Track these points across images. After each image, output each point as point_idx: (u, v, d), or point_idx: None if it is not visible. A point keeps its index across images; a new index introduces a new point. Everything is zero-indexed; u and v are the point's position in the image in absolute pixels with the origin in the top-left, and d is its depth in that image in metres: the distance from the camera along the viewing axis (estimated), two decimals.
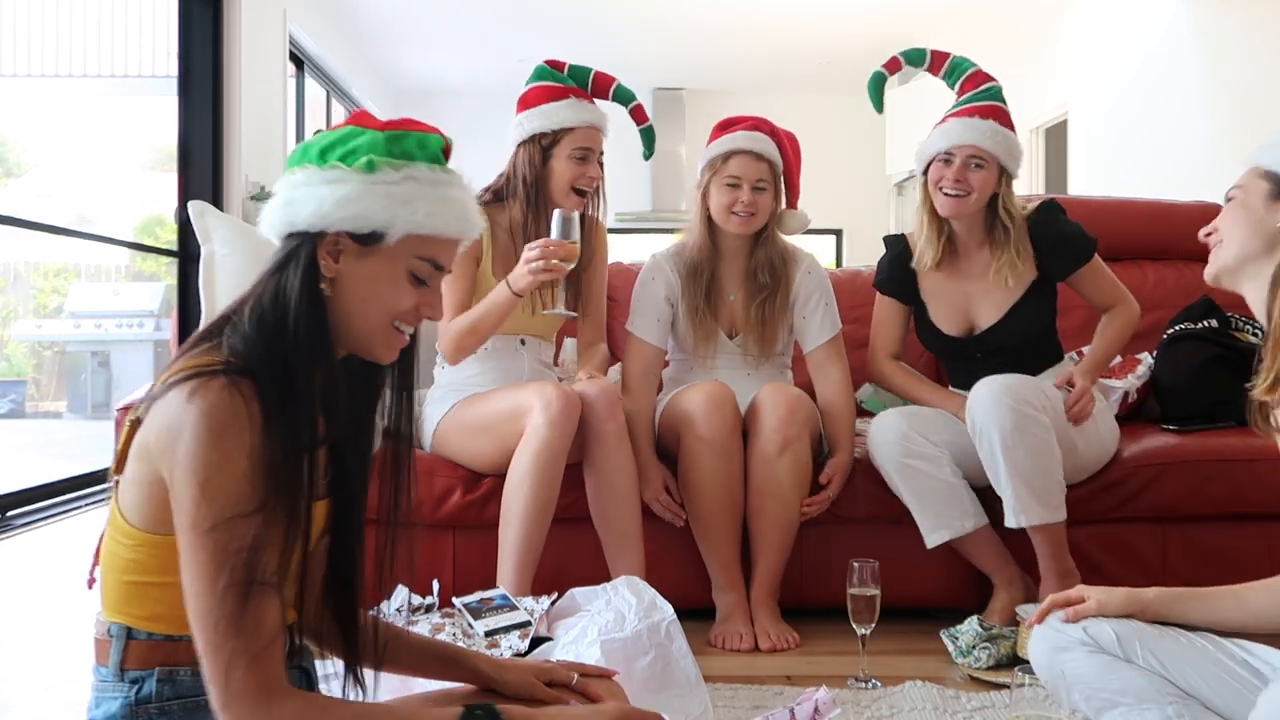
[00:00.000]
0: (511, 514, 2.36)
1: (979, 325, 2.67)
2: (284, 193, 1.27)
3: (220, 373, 1.15)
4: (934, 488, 2.47)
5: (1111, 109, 6.53)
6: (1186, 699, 1.55)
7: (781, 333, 2.73)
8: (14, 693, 2.20)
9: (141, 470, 1.18)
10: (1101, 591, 1.66)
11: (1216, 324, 2.96)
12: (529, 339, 2.69)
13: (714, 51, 8.77)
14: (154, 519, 1.18)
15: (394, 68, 9.07)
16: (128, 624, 1.21)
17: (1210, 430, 2.74)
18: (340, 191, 1.23)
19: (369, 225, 1.24)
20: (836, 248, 10.11)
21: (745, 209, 2.61)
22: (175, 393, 1.15)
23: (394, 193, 1.24)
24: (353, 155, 1.25)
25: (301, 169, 1.27)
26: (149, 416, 1.18)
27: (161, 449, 1.14)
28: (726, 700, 2.08)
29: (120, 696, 1.20)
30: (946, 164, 2.56)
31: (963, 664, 2.28)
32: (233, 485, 1.12)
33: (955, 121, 2.59)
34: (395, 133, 1.28)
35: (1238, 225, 1.59)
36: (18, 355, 9.55)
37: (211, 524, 1.11)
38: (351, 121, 1.30)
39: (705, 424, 2.49)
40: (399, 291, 1.28)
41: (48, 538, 3.80)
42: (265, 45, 5.92)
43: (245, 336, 1.20)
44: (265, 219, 1.28)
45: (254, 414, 1.14)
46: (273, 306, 1.22)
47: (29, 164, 9.83)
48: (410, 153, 1.28)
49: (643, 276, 2.77)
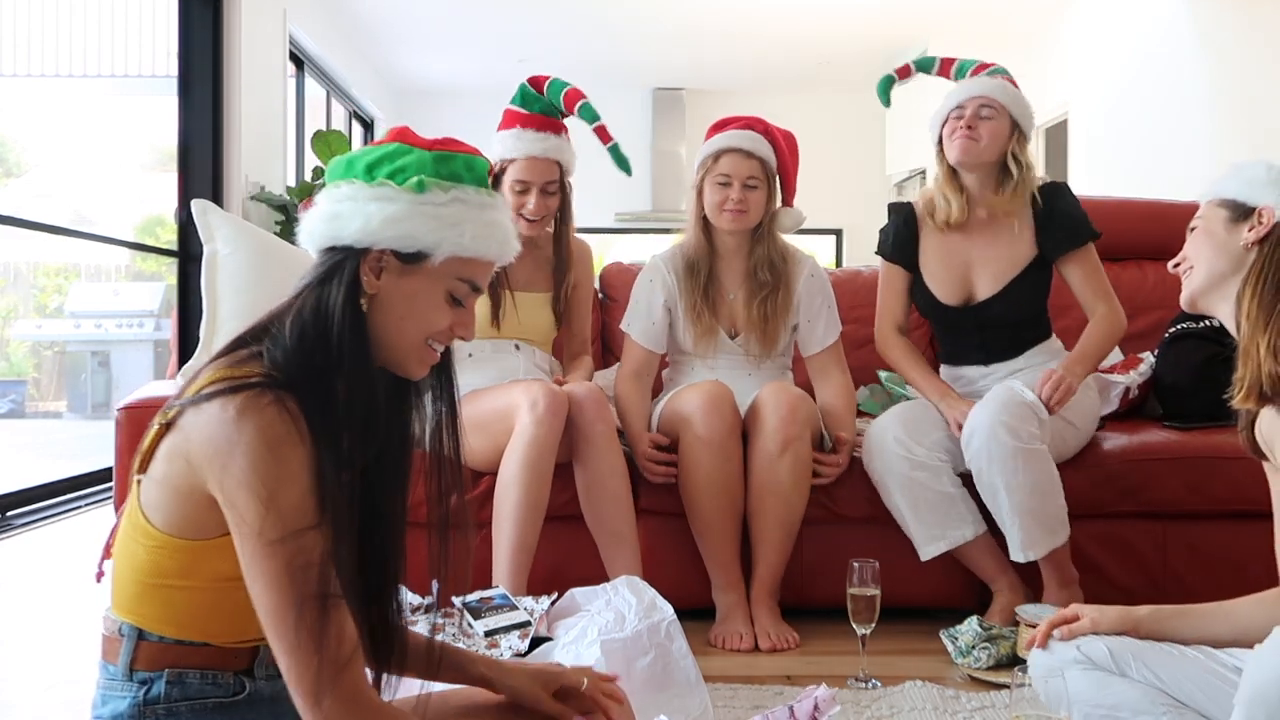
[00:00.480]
0: (504, 513, 2.37)
1: (977, 295, 2.68)
2: (328, 205, 1.27)
3: (265, 387, 1.14)
4: (932, 499, 2.48)
5: (1111, 109, 6.53)
6: (1182, 709, 1.56)
7: (784, 332, 2.74)
8: (14, 693, 2.20)
9: (174, 474, 1.17)
10: (1095, 610, 1.70)
11: (1217, 323, 2.96)
12: (523, 344, 2.72)
13: (714, 51, 8.77)
14: (180, 523, 1.17)
15: (394, 68, 9.07)
16: (139, 624, 1.21)
17: (1210, 428, 2.74)
18: (389, 210, 1.24)
19: (415, 245, 1.25)
20: (836, 248, 10.11)
21: (735, 206, 2.63)
22: (219, 405, 1.14)
23: (442, 214, 1.26)
24: (402, 174, 1.26)
25: (347, 183, 1.27)
26: (186, 422, 1.16)
27: (207, 462, 1.14)
28: (726, 700, 2.08)
29: (128, 696, 1.20)
30: (958, 118, 2.61)
31: (962, 664, 2.28)
32: (297, 499, 1.13)
33: (963, 82, 2.68)
34: (443, 154, 1.29)
35: (1203, 249, 1.69)
36: (18, 355, 9.55)
37: (280, 535, 1.11)
38: (395, 138, 1.31)
39: (704, 424, 2.49)
40: (437, 311, 1.29)
41: (48, 538, 3.80)
42: (265, 45, 5.92)
43: (286, 350, 1.20)
44: (306, 230, 1.28)
45: (303, 430, 1.14)
46: (314, 320, 1.22)
47: (29, 164, 9.83)
48: (459, 175, 1.29)
49: (641, 278, 2.79)
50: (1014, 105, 2.62)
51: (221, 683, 1.21)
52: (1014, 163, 2.62)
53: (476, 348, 2.69)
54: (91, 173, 9.67)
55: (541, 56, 8.41)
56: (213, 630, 1.21)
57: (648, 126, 9.81)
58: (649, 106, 9.79)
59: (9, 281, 9.35)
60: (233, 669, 1.22)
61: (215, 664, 1.21)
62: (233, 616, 1.18)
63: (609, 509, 2.45)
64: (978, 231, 2.68)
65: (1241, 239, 1.63)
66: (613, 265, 3.42)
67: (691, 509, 2.54)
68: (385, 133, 1.34)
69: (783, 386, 2.60)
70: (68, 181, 9.58)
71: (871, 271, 3.43)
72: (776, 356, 2.77)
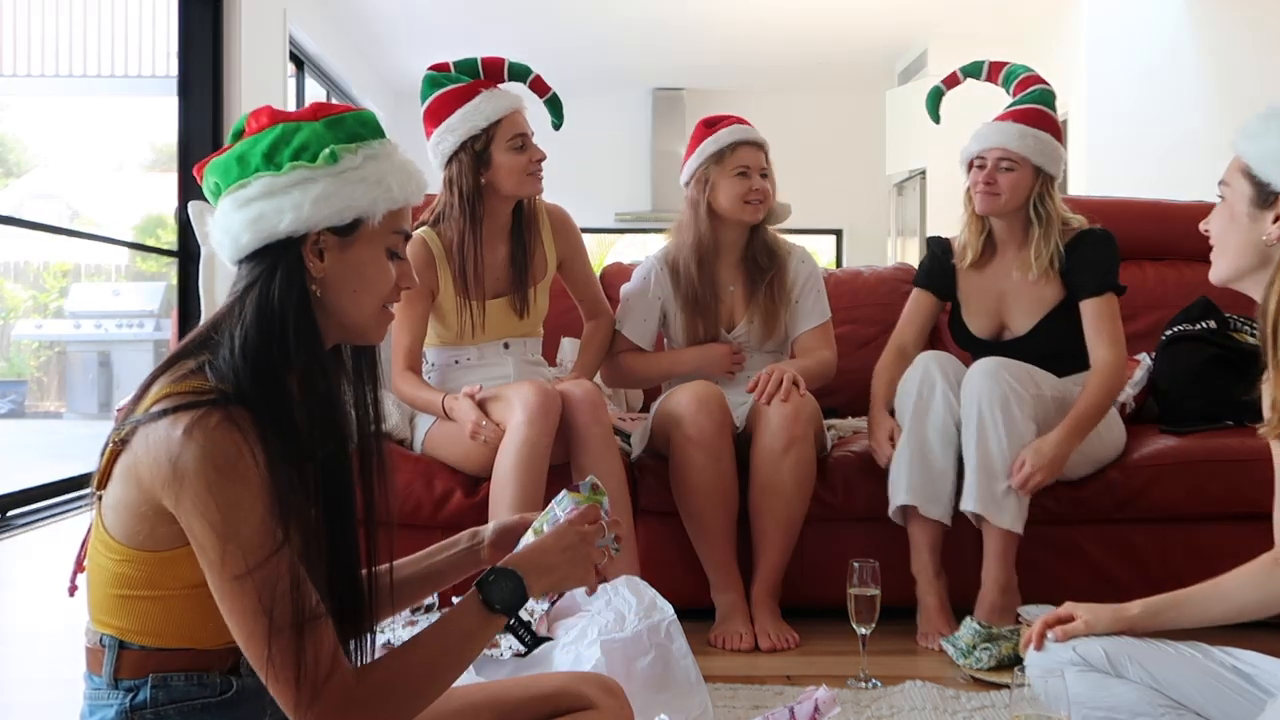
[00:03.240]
0: (500, 513, 2.36)
1: (1010, 330, 2.69)
2: (241, 212, 1.22)
3: (214, 404, 1.12)
4: (932, 466, 2.46)
5: (1112, 109, 6.54)
6: (1179, 709, 1.56)
7: (783, 319, 2.75)
8: (14, 693, 2.21)
9: (129, 495, 1.15)
10: (1088, 610, 1.67)
11: (1215, 325, 2.96)
12: (513, 341, 2.68)
13: (714, 51, 8.77)
14: (142, 537, 1.16)
15: (394, 68, 9.07)
16: (118, 635, 1.19)
17: (1209, 431, 2.74)
18: (314, 190, 1.21)
19: (352, 214, 1.23)
20: (836, 248, 10.10)
21: (758, 195, 2.66)
22: (167, 424, 1.12)
23: (365, 175, 1.24)
24: (307, 152, 1.23)
25: (253, 181, 1.22)
26: (137, 442, 1.14)
27: (160, 484, 1.12)
28: (726, 700, 2.08)
29: (115, 704, 1.19)
30: (980, 169, 2.63)
31: (964, 665, 2.28)
32: (255, 525, 1.11)
33: (988, 126, 2.66)
34: (332, 118, 1.26)
35: (1229, 237, 1.57)
36: (18, 355, 9.55)
37: (243, 569, 1.11)
38: (268, 120, 1.26)
39: (693, 424, 2.49)
40: (384, 272, 1.27)
41: (48, 538, 3.80)
42: (265, 45, 5.92)
43: (233, 359, 1.17)
44: (225, 243, 1.24)
45: (254, 445, 1.12)
46: (260, 323, 1.19)
47: (29, 164, 9.83)
48: (358, 133, 1.26)
49: (634, 278, 2.81)
50: (1035, 155, 2.59)
51: (208, 683, 1.20)
52: (1035, 214, 2.62)
53: (463, 354, 2.66)
54: (91, 173, 9.67)
55: (541, 56, 8.40)
56: (191, 635, 1.19)
57: (648, 126, 9.81)
58: (649, 106, 9.78)
59: (8, 282, 9.35)
60: (218, 669, 1.21)
61: (200, 666, 1.20)
62: (209, 620, 1.16)
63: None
64: (1009, 263, 2.69)
65: (1264, 232, 1.52)
66: (613, 265, 3.42)
67: (685, 510, 2.54)
68: (245, 121, 1.28)
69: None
70: (68, 181, 9.58)
71: (872, 271, 3.43)
72: (770, 348, 2.77)
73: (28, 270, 9.46)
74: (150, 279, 9.26)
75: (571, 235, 2.78)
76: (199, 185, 1.32)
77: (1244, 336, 2.93)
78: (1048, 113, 2.67)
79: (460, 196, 2.57)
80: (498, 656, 1.94)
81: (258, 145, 1.24)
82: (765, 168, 2.70)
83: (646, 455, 2.68)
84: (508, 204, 2.63)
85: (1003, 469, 2.39)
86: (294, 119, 1.26)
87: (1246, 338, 2.92)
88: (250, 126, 1.27)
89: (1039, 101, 2.67)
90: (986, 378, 2.43)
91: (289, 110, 1.28)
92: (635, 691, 1.71)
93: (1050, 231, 2.62)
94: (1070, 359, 2.66)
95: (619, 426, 2.75)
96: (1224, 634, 1.76)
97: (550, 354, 3.12)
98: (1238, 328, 2.97)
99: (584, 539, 1.36)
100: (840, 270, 3.43)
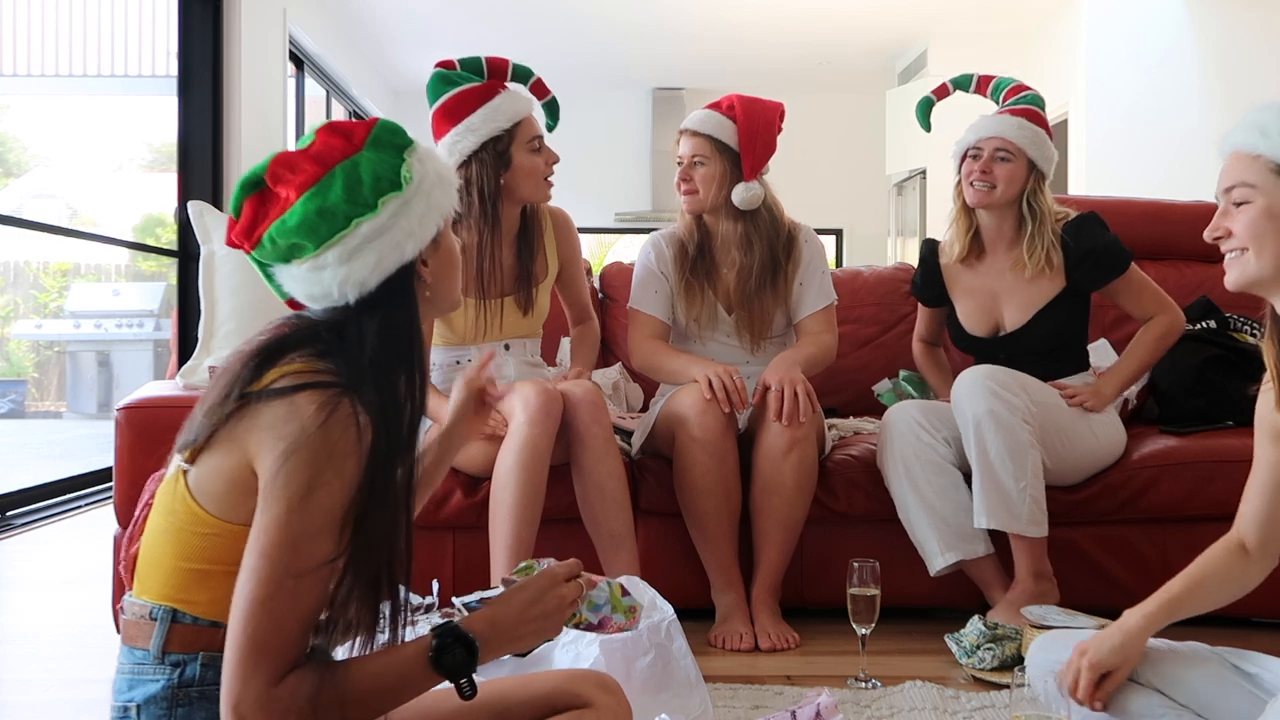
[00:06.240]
0: (500, 513, 2.35)
1: (1005, 326, 2.70)
2: (354, 261, 1.24)
3: (343, 390, 1.17)
4: (950, 508, 2.47)
5: (1111, 109, 6.54)
6: (1181, 710, 1.55)
7: (777, 306, 2.71)
8: (14, 693, 2.21)
9: (229, 463, 1.18)
10: (1094, 648, 1.59)
11: (1215, 325, 2.96)
12: (514, 342, 2.67)
13: (714, 51, 8.77)
14: (234, 509, 1.19)
15: (394, 68, 9.07)
16: (176, 607, 1.21)
17: (1209, 431, 2.74)
18: (415, 212, 1.27)
19: (442, 215, 1.31)
20: (837, 248, 10.10)
21: (686, 186, 2.71)
22: (304, 397, 1.16)
23: (430, 178, 1.30)
24: (383, 180, 1.25)
25: (362, 225, 1.23)
26: (256, 412, 1.17)
27: (269, 448, 1.15)
28: (726, 700, 2.08)
29: (162, 679, 1.20)
30: (975, 159, 2.64)
31: (967, 664, 2.28)
32: (319, 526, 1.15)
33: (985, 118, 2.69)
34: (373, 138, 1.28)
35: (1268, 238, 1.43)
36: (18, 355, 9.55)
37: (283, 572, 1.13)
38: (316, 162, 1.25)
39: (698, 424, 2.49)
40: (456, 245, 1.38)
41: (48, 538, 3.80)
42: (265, 45, 5.92)
43: (353, 362, 1.22)
44: (347, 291, 1.25)
45: (365, 443, 1.17)
46: (384, 342, 1.25)
47: (29, 164, 9.83)
48: (399, 144, 1.30)
49: (639, 255, 2.81)
50: (1032, 147, 2.62)
51: None
52: (1028, 209, 2.64)
53: (464, 354, 2.63)
54: (91, 173, 9.67)
55: (541, 56, 8.40)
56: None
57: (648, 126, 9.82)
58: (649, 106, 9.78)
59: (8, 282, 9.35)
60: None
61: None
62: None
63: (607, 512, 2.43)
64: (1001, 260, 2.70)
65: None
66: (613, 265, 3.42)
67: (687, 510, 2.54)
68: (312, 138, 1.28)
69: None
70: (68, 181, 9.58)
71: (872, 271, 3.43)
72: (773, 339, 2.75)
73: (26, 271, 9.45)
74: (150, 279, 9.26)
75: (572, 239, 2.78)
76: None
77: (1244, 336, 2.93)
78: (1041, 114, 2.71)
79: (480, 197, 2.53)
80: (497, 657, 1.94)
81: (332, 195, 1.24)
82: (699, 155, 2.71)
83: (647, 455, 2.68)
84: (518, 208, 2.63)
85: (1007, 476, 2.39)
86: (338, 153, 1.26)
87: (1246, 337, 2.92)
88: (288, 177, 1.25)
89: (1032, 104, 2.71)
90: (973, 392, 2.42)
91: (299, 149, 1.28)
92: (635, 691, 1.71)
93: (1043, 228, 2.63)
94: (1067, 351, 2.67)
95: (619, 425, 2.75)
96: (1226, 634, 1.76)
97: (550, 354, 3.12)
98: (1237, 327, 2.97)
99: (560, 606, 1.34)
100: (840, 270, 3.42)
